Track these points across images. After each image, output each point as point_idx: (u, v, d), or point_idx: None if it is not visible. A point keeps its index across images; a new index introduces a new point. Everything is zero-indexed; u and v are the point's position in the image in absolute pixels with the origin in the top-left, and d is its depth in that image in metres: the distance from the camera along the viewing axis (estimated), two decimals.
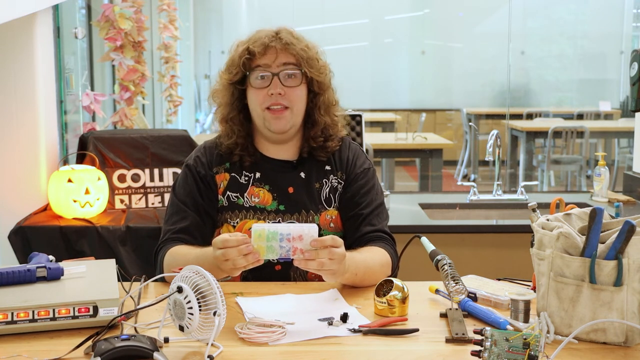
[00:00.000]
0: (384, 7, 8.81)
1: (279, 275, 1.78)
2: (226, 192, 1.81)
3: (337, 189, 1.84)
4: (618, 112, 8.17)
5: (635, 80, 2.23)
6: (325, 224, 1.81)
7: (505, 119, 7.61)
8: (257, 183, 1.82)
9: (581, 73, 9.02)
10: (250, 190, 1.82)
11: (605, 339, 1.30)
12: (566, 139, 6.60)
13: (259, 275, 1.76)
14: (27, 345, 1.29)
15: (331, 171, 1.86)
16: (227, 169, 1.85)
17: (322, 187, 1.84)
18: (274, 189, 1.82)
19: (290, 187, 1.82)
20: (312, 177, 1.84)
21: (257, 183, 1.82)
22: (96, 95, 3.34)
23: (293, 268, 1.78)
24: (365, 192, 1.84)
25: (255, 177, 1.83)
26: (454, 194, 3.80)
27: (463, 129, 8.42)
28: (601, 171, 3.23)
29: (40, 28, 2.89)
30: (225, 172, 1.84)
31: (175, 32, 4.40)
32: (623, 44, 8.71)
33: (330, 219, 1.82)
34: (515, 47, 8.25)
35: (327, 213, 1.82)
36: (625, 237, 1.27)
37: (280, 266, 1.78)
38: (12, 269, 1.45)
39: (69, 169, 2.91)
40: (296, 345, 1.31)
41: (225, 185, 1.83)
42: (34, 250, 1.73)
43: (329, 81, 1.86)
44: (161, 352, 1.23)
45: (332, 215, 1.82)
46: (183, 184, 1.85)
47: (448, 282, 1.46)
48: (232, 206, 1.81)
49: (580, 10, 8.95)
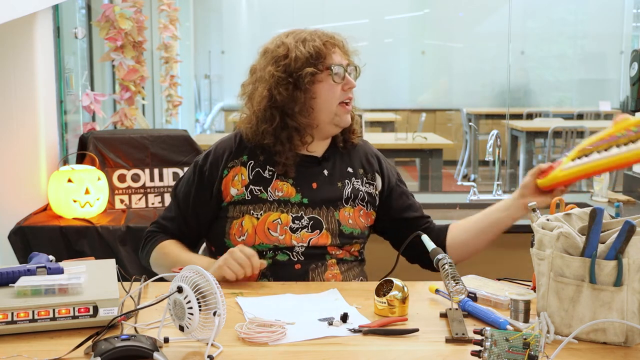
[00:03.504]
0: (384, 7, 8.81)
1: (299, 274, 1.80)
2: (249, 186, 1.83)
3: (359, 189, 1.90)
4: (618, 112, 8.17)
5: (635, 80, 2.23)
6: (345, 220, 1.85)
7: (505, 119, 7.61)
8: (281, 177, 1.85)
9: (581, 73, 9.02)
10: (274, 184, 1.84)
11: (605, 339, 1.30)
12: (566, 139, 6.60)
13: (278, 273, 1.79)
14: (27, 345, 1.29)
15: (353, 174, 1.91)
16: (244, 162, 1.86)
17: (345, 187, 1.88)
18: (298, 182, 1.84)
19: (314, 183, 1.86)
20: (335, 176, 1.89)
21: (281, 177, 1.85)
22: (96, 95, 3.34)
23: (312, 267, 1.80)
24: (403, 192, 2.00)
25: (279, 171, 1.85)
26: (454, 194, 3.80)
27: (463, 129, 8.42)
28: None
29: (40, 28, 2.89)
30: (242, 166, 1.85)
31: (175, 32, 4.40)
32: (623, 44, 8.71)
33: (349, 215, 1.86)
34: (515, 47, 8.25)
35: (345, 210, 1.86)
36: (625, 237, 1.27)
37: (300, 265, 1.80)
38: (12, 269, 1.45)
39: (69, 169, 2.91)
40: (296, 345, 1.31)
41: (242, 179, 1.84)
42: (34, 250, 1.73)
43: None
44: (161, 352, 1.23)
45: (350, 213, 1.86)
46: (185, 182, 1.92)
47: (448, 281, 1.46)
48: (255, 200, 1.82)
49: (580, 10, 8.94)
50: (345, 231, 1.84)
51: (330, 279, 1.82)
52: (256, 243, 1.80)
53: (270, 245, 1.79)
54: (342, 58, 1.85)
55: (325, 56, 1.81)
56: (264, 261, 1.73)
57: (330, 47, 1.83)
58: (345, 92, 1.84)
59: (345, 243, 1.84)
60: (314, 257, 1.81)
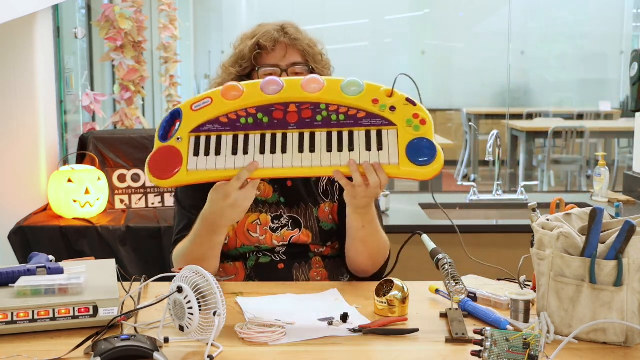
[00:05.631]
0: (384, 7, 8.81)
1: (283, 274, 1.78)
2: None
3: (334, 183, 1.85)
4: (618, 112, 8.17)
5: (635, 80, 2.23)
6: (324, 216, 1.82)
7: (505, 119, 7.61)
8: None
9: (581, 73, 9.01)
10: None
11: (605, 339, 1.30)
12: (566, 139, 6.60)
13: (262, 274, 1.77)
14: (27, 345, 1.29)
15: None
16: None
17: (320, 180, 1.85)
18: (274, 181, 1.82)
19: (288, 181, 1.83)
20: None
21: None
22: (96, 95, 3.34)
23: (296, 266, 1.79)
24: None
25: None
26: (454, 194, 3.80)
27: (463, 129, 8.42)
28: (601, 171, 3.23)
29: (40, 28, 2.89)
30: None
31: (175, 32, 4.40)
32: (623, 44, 8.71)
33: (329, 211, 1.83)
34: (515, 47, 8.25)
35: (325, 205, 1.83)
36: (625, 237, 1.27)
37: (283, 264, 1.79)
38: (12, 269, 1.45)
39: (69, 169, 2.91)
40: (296, 345, 1.31)
41: None
42: (34, 250, 1.73)
43: (331, 75, 1.87)
44: (161, 352, 1.23)
45: (329, 208, 1.84)
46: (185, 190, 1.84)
47: (448, 281, 1.46)
48: None
49: (580, 10, 8.94)
50: (325, 227, 1.82)
51: (316, 277, 1.80)
52: (238, 246, 1.78)
53: (252, 247, 1.78)
54: (287, 55, 1.79)
55: (263, 53, 1.79)
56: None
57: (272, 44, 1.79)
58: None
59: (327, 239, 1.82)
60: (296, 256, 1.79)
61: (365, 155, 1.46)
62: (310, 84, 1.51)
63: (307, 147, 1.48)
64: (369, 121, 1.49)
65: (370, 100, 1.50)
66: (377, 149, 1.47)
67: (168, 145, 1.51)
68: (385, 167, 1.47)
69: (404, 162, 1.46)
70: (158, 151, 1.53)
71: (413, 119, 1.48)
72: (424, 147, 1.46)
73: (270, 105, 1.50)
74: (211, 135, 1.51)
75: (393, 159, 1.46)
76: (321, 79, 1.53)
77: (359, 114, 1.49)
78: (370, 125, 1.48)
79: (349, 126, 1.49)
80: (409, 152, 1.46)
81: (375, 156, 1.47)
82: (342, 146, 1.47)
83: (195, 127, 1.51)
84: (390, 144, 1.47)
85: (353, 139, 1.48)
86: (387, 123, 1.48)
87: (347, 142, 1.48)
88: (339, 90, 1.51)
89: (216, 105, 1.51)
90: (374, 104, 1.49)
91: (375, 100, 1.50)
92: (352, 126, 1.49)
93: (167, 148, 1.51)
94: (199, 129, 1.51)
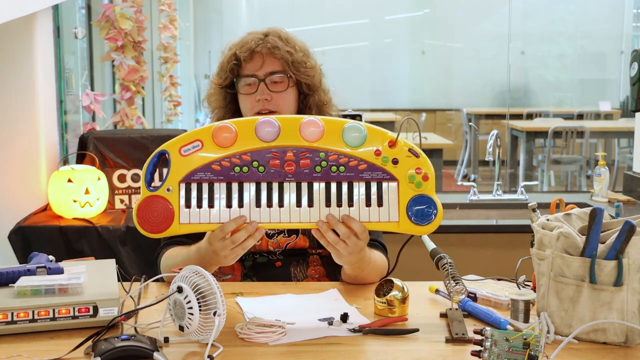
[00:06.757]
0: (384, 7, 8.81)
1: (280, 273, 1.78)
2: None
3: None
4: (618, 112, 8.17)
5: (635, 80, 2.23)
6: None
7: (505, 119, 7.62)
8: None
9: (581, 73, 9.02)
10: None
11: (605, 339, 1.30)
12: (566, 139, 6.60)
13: (260, 273, 1.77)
14: (27, 345, 1.29)
15: None
16: None
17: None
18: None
19: None
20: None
21: None
22: (96, 95, 3.34)
23: (294, 264, 1.80)
24: None
25: None
26: (454, 194, 3.80)
27: (463, 129, 8.42)
28: (601, 171, 3.23)
29: (40, 28, 2.89)
30: None
31: (175, 32, 4.40)
32: (623, 44, 8.71)
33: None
34: (515, 47, 8.25)
35: None
36: (625, 237, 1.27)
37: (281, 263, 1.79)
38: (12, 269, 1.45)
39: (69, 169, 2.91)
40: (296, 345, 1.31)
41: None
42: (34, 250, 1.73)
43: (319, 82, 1.85)
44: (161, 352, 1.23)
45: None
46: None
47: (448, 281, 1.46)
48: None
49: (580, 10, 8.95)
50: None
51: (313, 275, 1.80)
52: None
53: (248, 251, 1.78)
54: (264, 65, 1.78)
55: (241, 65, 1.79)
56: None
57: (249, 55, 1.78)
58: (258, 103, 1.77)
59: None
60: (294, 255, 1.80)
61: (365, 212, 1.43)
62: (308, 128, 1.43)
63: (305, 202, 1.43)
64: (369, 174, 1.44)
65: (373, 152, 1.44)
66: (377, 204, 1.43)
67: (157, 196, 1.42)
68: (385, 224, 1.44)
69: (403, 221, 1.43)
70: (146, 201, 1.43)
71: (415, 175, 1.43)
72: (425, 207, 1.43)
73: (266, 151, 1.42)
74: (203, 183, 1.43)
75: (393, 217, 1.43)
76: (320, 122, 1.44)
77: (360, 166, 1.43)
78: (371, 179, 1.44)
79: (349, 179, 1.44)
80: (410, 211, 1.43)
81: (376, 213, 1.43)
82: (341, 201, 1.43)
83: (186, 175, 1.42)
84: (391, 202, 1.43)
85: (352, 193, 1.43)
86: (389, 177, 1.44)
87: (346, 197, 1.43)
88: (339, 137, 1.43)
89: (207, 150, 1.42)
90: (376, 156, 1.44)
91: (378, 152, 1.43)
92: (352, 179, 1.43)
93: (156, 199, 1.42)
94: (189, 177, 1.42)
